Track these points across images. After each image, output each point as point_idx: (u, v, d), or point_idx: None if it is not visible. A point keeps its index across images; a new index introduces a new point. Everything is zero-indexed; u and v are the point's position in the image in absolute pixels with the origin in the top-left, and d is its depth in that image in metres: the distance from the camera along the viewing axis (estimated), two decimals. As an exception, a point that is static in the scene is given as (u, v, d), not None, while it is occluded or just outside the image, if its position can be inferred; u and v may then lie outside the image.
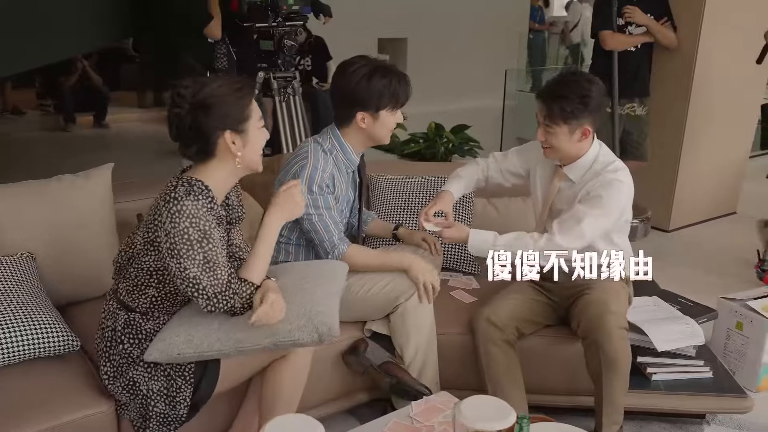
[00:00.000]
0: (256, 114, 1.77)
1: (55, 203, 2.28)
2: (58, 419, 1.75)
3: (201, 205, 1.69)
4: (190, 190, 1.69)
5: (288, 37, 3.75)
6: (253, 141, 1.76)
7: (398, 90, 2.17)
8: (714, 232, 4.44)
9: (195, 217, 1.67)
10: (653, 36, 3.84)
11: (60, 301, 2.30)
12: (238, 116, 1.72)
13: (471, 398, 1.52)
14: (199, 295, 1.71)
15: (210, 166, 1.76)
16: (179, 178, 1.74)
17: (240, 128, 1.73)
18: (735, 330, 2.61)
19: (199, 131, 1.69)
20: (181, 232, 1.66)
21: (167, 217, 1.66)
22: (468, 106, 8.03)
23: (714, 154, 4.41)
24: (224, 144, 1.72)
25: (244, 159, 1.75)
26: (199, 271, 1.68)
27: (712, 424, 2.39)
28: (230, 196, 1.89)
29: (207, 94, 1.68)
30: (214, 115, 1.68)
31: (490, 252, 2.11)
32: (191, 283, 1.69)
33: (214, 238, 1.71)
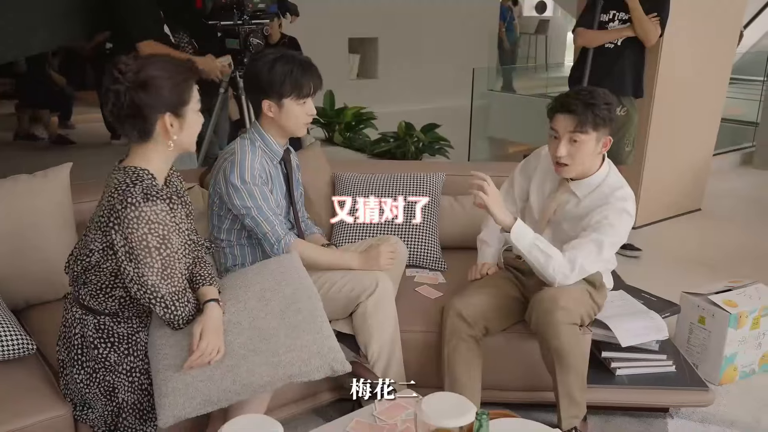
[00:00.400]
0: (195, 97, 1.73)
1: (11, 204, 2.23)
2: (12, 424, 1.71)
3: (160, 209, 1.65)
4: (147, 192, 1.64)
5: (254, 36, 3.71)
6: (191, 124, 1.72)
7: (301, 79, 2.14)
8: (679, 229, 4.51)
9: (154, 222, 1.63)
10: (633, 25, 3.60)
11: (18, 303, 2.26)
12: (179, 99, 1.68)
13: (432, 395, 1.51)
14: (157, 302, 1.68)
15: (147, 149, 1.71)
16: (124, 171, 1.68)
17: (179, 111, 1.68)
18: (697, 324, 2.64)
19: (138, 111, 1.64)
20: (139, 238, 1.62)
21: (125, 222, 1.62)
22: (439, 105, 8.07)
23: (678, 152, 4.46)
24: (162, 126, 1.67)
25: (179, 142, 1.72)
26: (157, 279, 1.65)
27: (675, 418, 2.41)
28: (171, 179, 1.84)
29: (149, 74, 1.63)
30: (154, 96, 1.64)
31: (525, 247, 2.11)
32: (149, 290, 1.66)
33: (173, 244, 1.67)
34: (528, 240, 2.13)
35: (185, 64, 1.73)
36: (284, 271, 1.96)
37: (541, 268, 2.13)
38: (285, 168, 2.30)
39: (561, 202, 2.29)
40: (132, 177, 1.66)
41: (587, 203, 2.22)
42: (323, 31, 7.60)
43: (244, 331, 1.79)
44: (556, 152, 2.16)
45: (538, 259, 2.12)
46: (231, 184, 2.13)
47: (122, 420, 1.77)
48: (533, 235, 2.15)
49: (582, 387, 2.13)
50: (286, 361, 1.75)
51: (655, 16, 3.60)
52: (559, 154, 2.15)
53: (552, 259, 2.12)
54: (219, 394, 1.69)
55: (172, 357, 1.72)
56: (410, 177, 2.80)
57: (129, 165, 1.70)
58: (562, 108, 2.13)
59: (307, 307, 1.87)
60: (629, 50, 3.68)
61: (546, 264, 2.12)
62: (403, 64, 8.82)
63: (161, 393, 1.69)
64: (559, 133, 2.14)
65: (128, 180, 1.66)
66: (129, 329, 1.79)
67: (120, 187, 1.65)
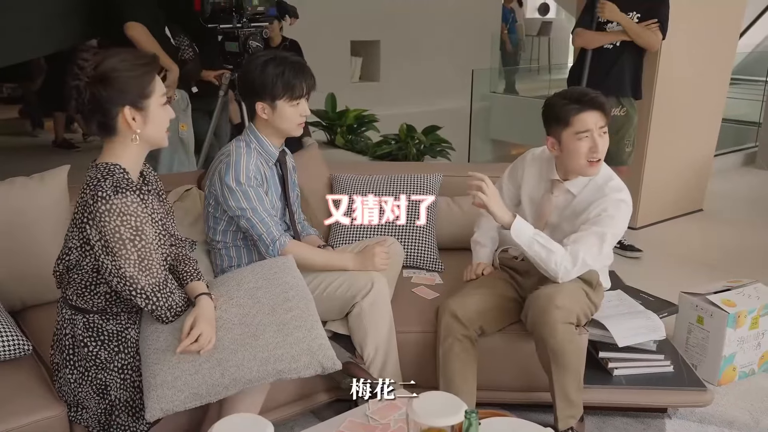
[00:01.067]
0: (159, 90, 1.71)
1: (8, 206, 2.23)
2: (7, 424, 1.72)
3: (131, 201, 1.64)
4: (117, 185, 1.64)
5: (253, 38, 3.72)
6: (155, 118, 1.70)
7: (292, 80, 2.15)
8: (680, 230, 4.49)
9: (125, 214, 1.63)
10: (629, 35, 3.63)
11: (16, 305, 2.27)
12: (140, 92, 1.66)
13: (424, 394, 1.51)
14: (137, 294, 1.68)
15: (116, 144, 1.70)
16: (96, 168, 1.68)
17: (140, 105, 1.67)
18: (696, 324, 2.63)
19: (99, 105, 1.64)
20: (112, 230, 1.62)
21: (97, 216, 1.62)
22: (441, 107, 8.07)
23: (679, 153, 4.45)
24: (124, 120, 1.66)
25: (144, 136, 1.70)
26: (135, 270, 1.65)
27: (673, 418, 2.40)
28: (145, 173, 1.84)
29: (108, 67, 1.63)
30: (113, 90, 1.63)
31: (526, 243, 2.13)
32: (128, 282, 1.66)
33: (147, 234, 1.67)
34: (528, 236, 2.13)
35: (145, 57, 1.72)
36: (278, 272, 1.97)
37: (543, 263, 2.14)
38: (281, 169, 2.30)
39: (558, 204, 2.29)
40: (103, 172, 1.67)
41: (583, 198, 2.23)
42: (325, 34, 7.60)
43: (235, 326, 1.79)
44: (595, 149, 2.16)
45: (539, 254, 2.13)
46: (226, 185, 2.14)
47: (115, 418, 1.77)
48: (533, 231, 2.15)
49: (578, 387, 2.12)
50: (275, 357, 1.75)
51: (655, 22, 3.60)
52: (602, 149, 2.17)
53: (553, 254, 2.12)
54: (207, 388, 1.70)
55: (162, 351, 1.73)
56: (407, 178, 2.80)
57: (101, 161, 1.70)
58: (592, 105, 2.15)
59: (299, 306, 1.87)
60: (628, 51, 3.68)
61: (548, 259, 2.12)
62: (405, 66, 8.81)
63: (149, 386, 1.69)
64: (593, 130, 2.15)
65: (99, 175, 1.66)
66: (118, 326, 1.80)
67: (91, 182, 1.65)
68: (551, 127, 2.22)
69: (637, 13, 3.63)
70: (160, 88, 1.72)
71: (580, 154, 2.17)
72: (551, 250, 2.13)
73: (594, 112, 2.15)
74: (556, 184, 2.28)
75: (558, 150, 2.22)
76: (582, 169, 2.20)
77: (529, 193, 2.38)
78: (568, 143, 2.18)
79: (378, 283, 2.20)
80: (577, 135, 2.15)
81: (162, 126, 1.74)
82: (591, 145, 2.16)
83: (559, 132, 2.19)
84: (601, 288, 2.30)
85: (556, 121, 2.19)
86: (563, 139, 2.19)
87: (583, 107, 2.15)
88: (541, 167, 2.37)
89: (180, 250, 1.93)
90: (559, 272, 2.13)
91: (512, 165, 2.49)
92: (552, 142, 2.23)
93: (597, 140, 2.16)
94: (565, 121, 2.16)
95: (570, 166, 2.23)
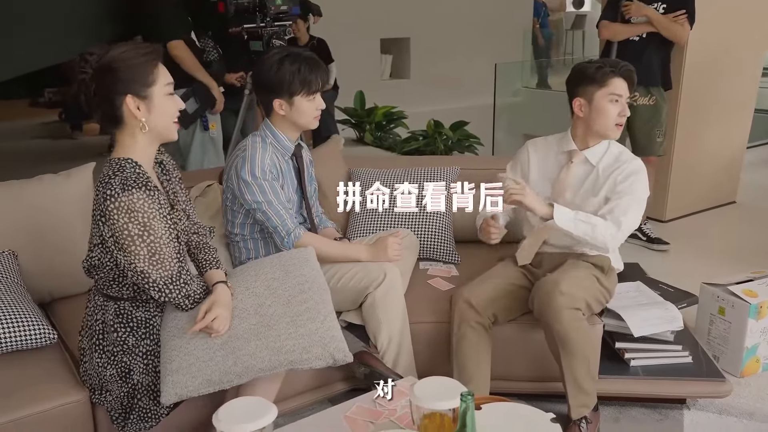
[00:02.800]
0: (164, 80, 1.73)
1: (37, 202, 2.33)
2: (32, 408, 1.80)
3: (137, 198, 1.67)
4: (125, 182, 1.67)
5: (277, 37, 3.78)
6: (160, 107, 1.73)
7: (308, 76, 2.19)
8: (711, 222, 4.41)
9: (133, 211, 1.66)
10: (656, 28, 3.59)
11: (44, 297, 2.36)
12: (142, 81, 1.69)
13: (426, 379, 1.54)
14: (150, 287, 1.74)
15: (126, 137, 1.74)
16: (109, 163, 1.73)
17: (144, 93, 1.70)
18: (717, 315, 2.60)
19: (103, 95, 1.68)
20: (120, 228, 1.67)
21: (107, 214, 1.67)
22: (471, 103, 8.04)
23: (709, 144, 4.37)
24: (128, 110, 1.70)
25: (150, 125, 1.73)
26: (146, 265, 1.70)
27: (692, 409, 2.38)
28: (164, 162, 1.88)
29: (111, 57, 1.67)
30: (116, 79, 1.66)
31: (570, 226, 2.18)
32: (140, 276, 1.72)
33: (156, 230, 1.70)
34: (570, 217, 2.19)
35: (147, 47, 1.74)
36: (296, 263, 2.01)
37: (591, 238, 2.19)
38: (297, 163, 2.35)
39: (578, 175, 2.33)
40: (114, 168, 1.71)
41: (602, 170, 2.31)
42: (355, 33, 7.66)
43: (250, 316, 1.84)
44: (624, 112, 2.28)
45: (586, 232, 2.19)
46: (242, 179, 2.19)
47: (137, 401, 1.84)
48: (572, 211, 2.20)
49: (589, 375, 2.12)
50: (288, 348, 1.79)
51: (683, 13, 3.55)
52: (627, 114, 2.29)
53: (597, 227, 2.19)
54: (220, 376, 1.75)
55: (179, 338, 1.79)
56: (424, 171, 2.82)
57: (114, 157, 1.74)
58: (625, 74, 2.28)
59: (314, 298, 1.91)
60: (654, 43, 3.64)
61: (594, 233, 2.19)
62: (436, 63, 8.80)
63: (166, 371, 1.76)
64: (622, 96, 2.27)
65: (110, 172, 1.70)
66: (147, 313, 1.87)
67: (103, 180, 1.70)
68: (582, 87, 2.30)
69: (662, 3, 3.58)
70: (164, 77, 1.74)
71: (611, 116, 2.27)
72: (594, 224, 2.19)
73: (625, 81, 2.27)
74: (575, 153, 2.34)
75: (587, 111, 2.29)
76: (609, 130, 2.29)
77: (541, 174, 2.40)
78: (600, 103, 2.27)
79: (391, 273, 2.23)
80: (610, 96, 2.25)
81: (168, 116, 1.76)
82: (621, 109, 2.27)
83: (592, 92, 2.27)
84: (614, 272, 2.31)
85: (589, 82, 2.27)
86: (595, 99, 2.27)
87: (619, 73, 2.26)
88: (549, 148, 2.41)
89: (201, 239, 2.00)
90: (607, 241, 2.20)
91: (513, 159, 2.52)
92: (580, 104, 2.31)
93: (625, 105, 2.28)
94: (600, 82, 2.26)
95: (596, 126, 2.30)
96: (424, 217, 2.70)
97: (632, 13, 3.63)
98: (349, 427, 1.66)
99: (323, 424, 1.71)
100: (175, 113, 1.78)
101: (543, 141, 2.46)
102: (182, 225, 1.88)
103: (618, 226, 2.20)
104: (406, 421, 1.63)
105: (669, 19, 3.57)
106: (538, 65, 10.33)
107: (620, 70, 2.27)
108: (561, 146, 2.38)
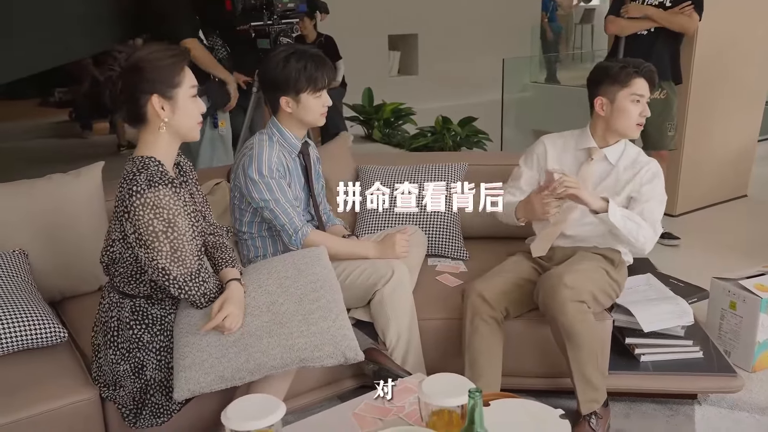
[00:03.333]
0: (189, 82, 1.77)
1: (46, 201, 2.34)
2: (42, 406, 1.81)
3: (163, 195, 1.70)
4: (151, 179, 1.70)
5: (284, 35, 3.78)
6: (184, 109, 1.76)
7: (314, 73, 2.19)
8: (722, 216, 4.38)
9: (158, 207, 1.69)
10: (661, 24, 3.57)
11: (55, 295, 2.38)
12: (168, 81, 1.73)
13: (434, 376, 1.54)
14: (170, 284, 1.75)
15: (148, 135, 1.77)
16: (132, 161, 1.76)
17: (169, 94, 1.73)
18: (729, 310, 2.58)
19: (129, 94, 1.71)
20: (145, 224, 1.69)
21: (132, 210, 1.69)
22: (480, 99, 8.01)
23: (719, 137, 4.34)
24: (153, 109, 1.73)
25: (173, 126, 1.76)
26: (167, 261, 1.72)
27: (703, 405, 2.36)
28: (182, 164, 1.91)
29: (138, 57, 1.70)
30: (143, 78, 1.70)
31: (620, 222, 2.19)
32: (161, 273, 1.73)
33: (180, 227, 1.73)
34: (621, 214, 2.20)
35: (175, 49, 1.78)
36: (309, 262, 2.02)
37: (634, 237, 2.21)
38: (303, 161, 2.36)
39: (597, 172, 2.34)
40: (138, 166, 1.74)
41: (621, 170, 2.34)
42: (363, 29, 7.66)
43: (262, 314, 1.85)
44: (645, 113, 2.32)
45: (631, 230, 2.20)
46: (249, 177, 2.20)
47: (149, 397, 1.85)
48: (621, 209, 2.23)
49: (597, 369, 2.12)
50: (299, 345, 1.80)
51: (689, 4, 3.51)
52: (647, 114, 2.32)
53: (641, 228, 2.22)
54: (233, 372, 1.76)
55: (192, 335, 1.80)
56: (431, 167, 2.82)
57: (137, 155, 1.77)
58: (647, 75, 2.31)
59: (326, 297, 1.92)
60: (663, 37, 3.60)
61: (638, 233, 2.21)
62: (444, 59, 8.79)
63: (179, 367, 1.77)
64: (644, 96, 2.30)
65: (134, 169, 1.73)
66: (162, 311, 1.88)
67: (127, 177, 1.73)
68: (604, 86, 2.32)
69: None
70: (189, 80, 1.78)
71: (632, 116, 2.30)
72: (639, 224, 2.22)
73: (647, 82, 2.30)
74: (594, 151, 2.35)
75: (609, 110, 2.31)
76: (629, 129, 2.33)
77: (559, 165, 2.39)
78: (622, 103, 2.30)
79: (398, 270, 2.23)
80: (632, 96, 2.28)
81: (192, 118, 1.80)
82: (642, 109, 2.31)
83: (615, 92, 2.30)
84: (624, 265, 2.31)
85: (612, 82, 2.30)
86: (618, 99, 2.29)
87: (642, 74, 2.29)
88: (567, 144, 2.41)
89: (217, 238, 2.01)
90: (647, 243, 2.24)
91: (527, 151, 2.52)
92: (602, 103, 2.33)
93: (646, 106, 2.31)
94: (623, 82, 2.28)
95: (616, 125, 2.32)
96: (432, 214, 2.70)
97: (631, 14, 3.61)
98: (358, 424, 1.66)
99: (332, 421, 1.71)
100: (199, 115, 1.82)
101: (559, 137, 2.46)
102: (198, 226, 1.89)
103: (654, 229, 2.24)
104: (414, 418, 1.62)
105: (672, 13, 3.53)
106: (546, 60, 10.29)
107: (643, 71, 2.29)
108: (580, 143, 2.39)
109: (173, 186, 1.74)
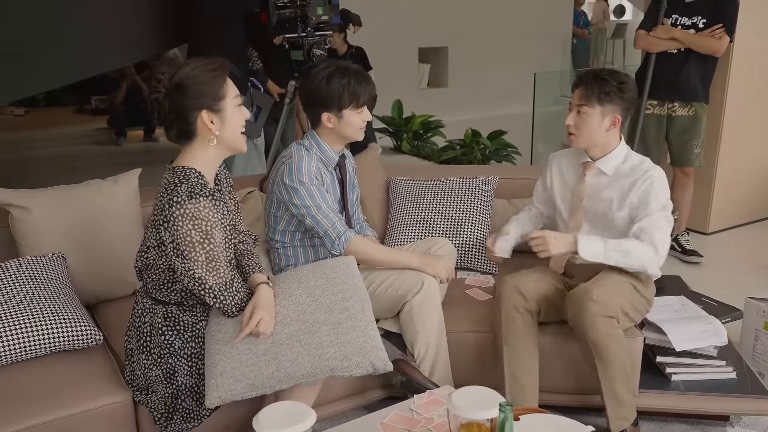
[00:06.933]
0: (232, 92, 1.81)
1: (84, 206, 2.40)
2: (76, 408, 1.85)
3: (203, 206, 1.73)
4: (192, 190, 1.73)
5: (317, 47, 3.83)
6: (231, 119, 1.80)
7: (357, 89, 2.23)
8: (755, 235, 4.30)
9: (197, 218, 1.72)
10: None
11: (90, 299, 2.43)
12: (214, 95, 1.77)
13: (464, 389, 1.54)
14: (206, 293, 1.79)
15: (194, 148, 1.81)
16: (173, 171, 1.79)
17: (216, 107, 1.78)
18: (763, 330, 2.53)
19: (178, 113, 1.76)
20: (184, 234, 1.72)
21: (171, 220, 1.72)
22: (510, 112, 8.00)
23: (754, 157, 4.28)
24: (203, 124, 1.77)
25: (223, 138, 1.80)
26: (203, 271, 1.76)
27: (736, 426, 2.32)
28: (220, 178, 1.94)
29: (182, 75, 1.75)
30: (189, 96, 1.74)
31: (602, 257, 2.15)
32: (197, 282, 1.77)
33: (216, 238, 1.76)
34: (599, 248, 2.15)
35: (215, 62, 1.81)
36: (338, 272, 2.03)
37: (627, 266, 2.16)
38: (340, 173, 2.38)
39: (593, 186, 2.30)
40: (180, 176, 1.77)
41: (620, 179, 2.26)
42: (393, 42, 7.70)
43: (292, 322, 1.88)
44: (567, 120, 2.27)
45: (618, 260, 2.15)
46: (290, 185, 2.22)
47: (180, 402, 1.88)
48: (600, 241, 2.16)
49: (627, 386, 2.10)
50: (329, 355, 1.82)
51: (719, 27, 3.47)
52: (567, 123, 2.27)
53: (630, 253, 2.14)
54: (263, 380, 1.78)
55: (224, 343, 1.83)
56: (462, 181, 2.83)
57: (178, 165, 1.81)
58: (578, 82, 2.26)
59: (355, 307, 1.93)
60: (694, 57, 3.56)
61: (628, 260, 2.14)
62: (474, 72, 8.79)
63: (210, 375, 1.80)
64: (571, 104, 2.27)
65: (176, 180, 1.77)
66: (193, 317, 1.92)
67: (168, 187, 1.76)
68: None
69: (702, 18, 3.51)
70: (232, 89, 1.82)
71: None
72: (627, 250, 2.14)
73: (578, 89, 2.25)
74: (588, 165, 2.32)
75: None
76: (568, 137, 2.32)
77: (560, 185, 2.41)
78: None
79: (428, 282, 2.23)
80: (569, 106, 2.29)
81: (237, 127, 1.84)
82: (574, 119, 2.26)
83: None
84: (651, 280, 2.28)
85: None
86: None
87: (575, 83, 2.27)
88: (571, 160, 2.41)
89: (245, 246, 2.05)
90: (646, 266, 2.15)
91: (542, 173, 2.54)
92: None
93: (569, 115, 2.27)
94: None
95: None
96: (462, 227, 2.71)
97: (659, 36, 3.59)
98: (387, 435, 1.67)
99: (361, 430, 1.72)
100: (243, 123, 1.85)
101: (565, 153, 2.46)
102: (230, 236, 1.92)
103: (656, 247, 2.14)
104: (443, 430, 1.63)
105: (701, 35, 3.49)
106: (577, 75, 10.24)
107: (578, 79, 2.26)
108: (578, 158, 2.37)
109: (213, 198, 1.78)
